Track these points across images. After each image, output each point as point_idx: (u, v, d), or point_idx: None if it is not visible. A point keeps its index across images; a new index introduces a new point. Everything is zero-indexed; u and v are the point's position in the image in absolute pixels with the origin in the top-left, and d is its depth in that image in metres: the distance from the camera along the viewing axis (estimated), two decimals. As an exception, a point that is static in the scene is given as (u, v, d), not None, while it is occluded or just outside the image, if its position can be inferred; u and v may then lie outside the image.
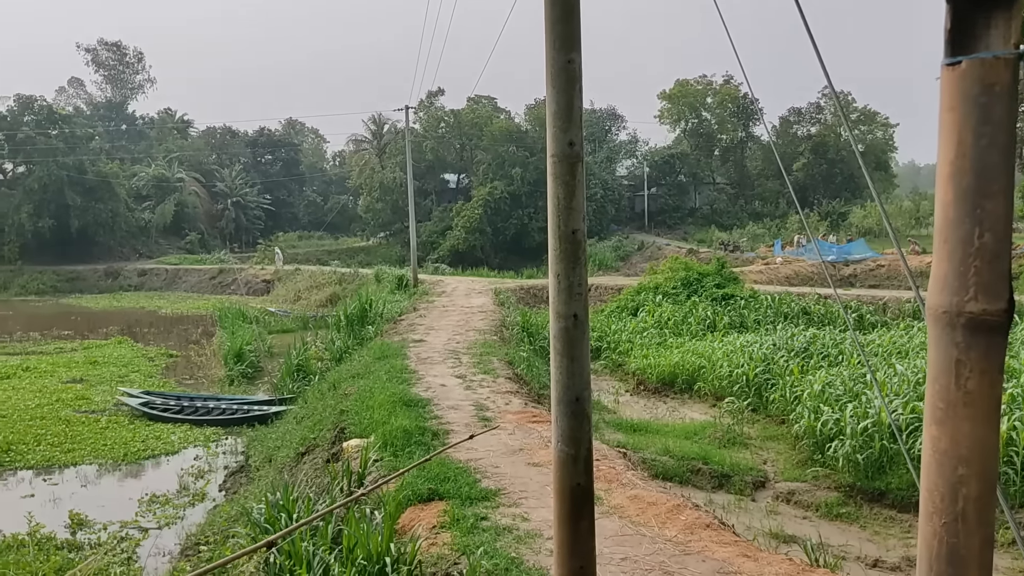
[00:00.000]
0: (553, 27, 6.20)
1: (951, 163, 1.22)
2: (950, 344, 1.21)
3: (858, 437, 12.22)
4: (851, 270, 37.28)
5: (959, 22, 1.22)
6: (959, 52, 1.22)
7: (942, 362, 1.22)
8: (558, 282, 6.35)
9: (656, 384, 19.92)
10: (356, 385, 15.83)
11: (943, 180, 1.24)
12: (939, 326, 1.23)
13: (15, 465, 15.77)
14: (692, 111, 70.17)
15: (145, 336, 34.30)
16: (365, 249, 65.82)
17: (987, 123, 1.19)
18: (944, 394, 1.21)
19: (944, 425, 1.20)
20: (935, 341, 1.24)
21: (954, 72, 1.22)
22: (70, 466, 15.82)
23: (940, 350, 1.23)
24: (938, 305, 1.24)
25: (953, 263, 1.22)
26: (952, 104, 1.22)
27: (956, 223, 1.21)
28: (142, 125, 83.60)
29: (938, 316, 1.23)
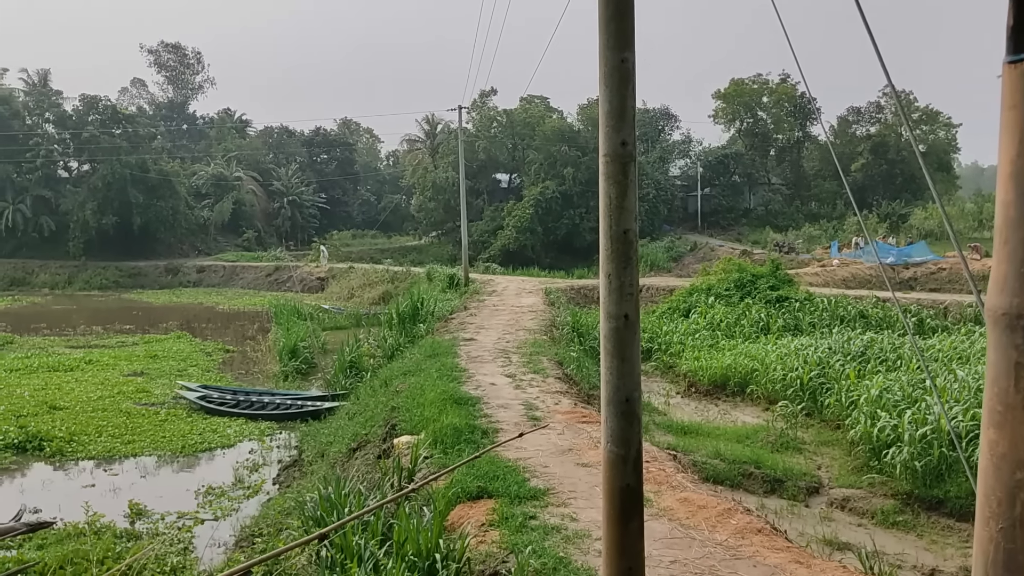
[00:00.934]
0: (607, 25, 6.19)
1: (1012, 161, 1.19)
2: (1009, 346, 1.19)
3: (916, 444, 11.96)
4: (911, 273, 36.42)
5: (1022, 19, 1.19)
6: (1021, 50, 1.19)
7: (1001, 365, 1.19)
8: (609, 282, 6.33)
9: (707, 386, 19.73)
10: (407, 382, 15.98)
11: (1004, 179, 1.21)
12: (998, 328, 1.20)
13: (77, 455, 16.25)
14: (747, 110, 69.18)
15: (203, 331, 35.06)
16: (417, 248, 66.36)
17: (1049, 121, 1.16)
18: (1003, 397, 1.18)
19: (1003, 428, 1.17)
20: (994, 343, 1.22)
21: (1016, 70, 1.19)
22: (130, 457, 16.24)
23: (999, 352, 1.20)
24: (998, 307, 1.21)
25: (1014, 264, 1.19)
26: (1014, 102, 1.20)
27: (1017, 223, 1.18)
28: (202, 125, 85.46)
29: (997, 318, 1.21)
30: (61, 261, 60.30)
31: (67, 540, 11.46)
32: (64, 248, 60.84)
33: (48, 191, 63.08)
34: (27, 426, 17.33)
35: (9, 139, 61.57)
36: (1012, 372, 1.18)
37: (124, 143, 62.51)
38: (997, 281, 1.22)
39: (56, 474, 15.48)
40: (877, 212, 56.92)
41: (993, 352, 1.22)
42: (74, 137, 63.58)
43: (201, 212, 68.17)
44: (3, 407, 19.25)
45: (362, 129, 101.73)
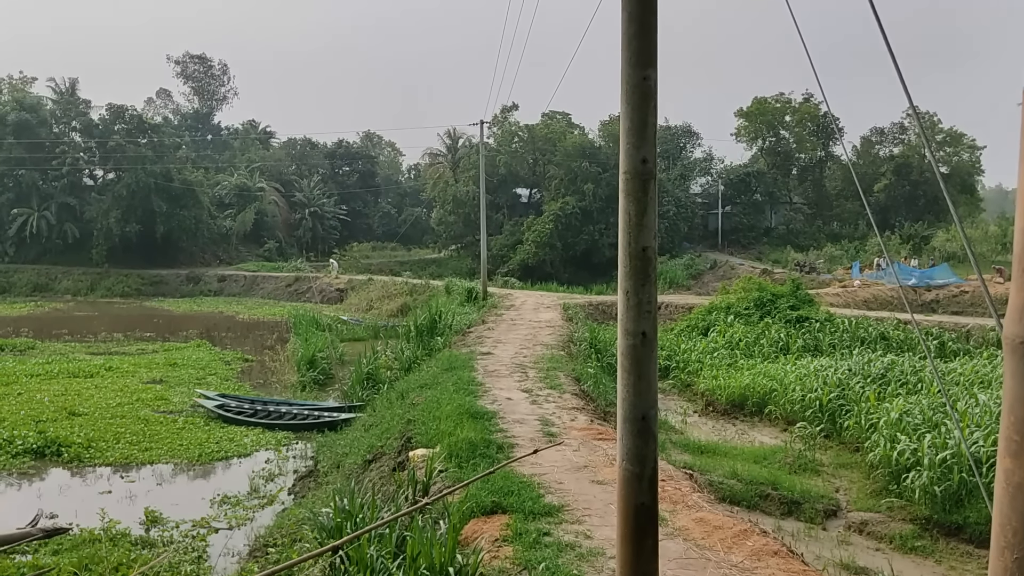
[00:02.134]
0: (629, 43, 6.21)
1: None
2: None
3: (936, 468, 11.81)
4: (933, 295, 36.09)
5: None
6: (1043, 77, 1.19)
7: (1019, 393, 1.18)
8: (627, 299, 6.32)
9: (725, 406, 19.61)
10: (424, 395, 15.99)
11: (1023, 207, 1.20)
12: (1016, 356, 1.19)
13: (95, 461, 16.35)
14: (770, 129, 68.99)
15: (223, 340, 35.27)
16: (436, 261, 66.57)
17: (1069, 149, 1.15)
18: (1019, 426, 1.17)
19: (1019, 458, 1.16)
20: (1011, 371, 1.20)
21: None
22: (147, 464, 16.33)
23: (1016, 380, 1.19)
24: (1015, 335, 1.20)
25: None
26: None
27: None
28: (226, 135, 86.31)
29: (1015, 346, 1.19)
30: (84, 268, 60.96)
31: (82, 546, 11.52)
32: (87, 255, 61.52)
33: (73, 198, 63.88)
34: (46, 431, 17.48)
35: (36, 147, 62.45)
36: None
37: (149, 152, 63.24)
38: (1015, 309, 1.21)
39: (74, 480, 15.59)
40: (900, 233, 56.49)
41: (1010, 379, 1.21)
42: (100, 146, 64.41)
43: (223, 222, 68.75)
44: (23, 412, 19.44)
45: (384, 142, 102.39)
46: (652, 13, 6.19)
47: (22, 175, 63.17)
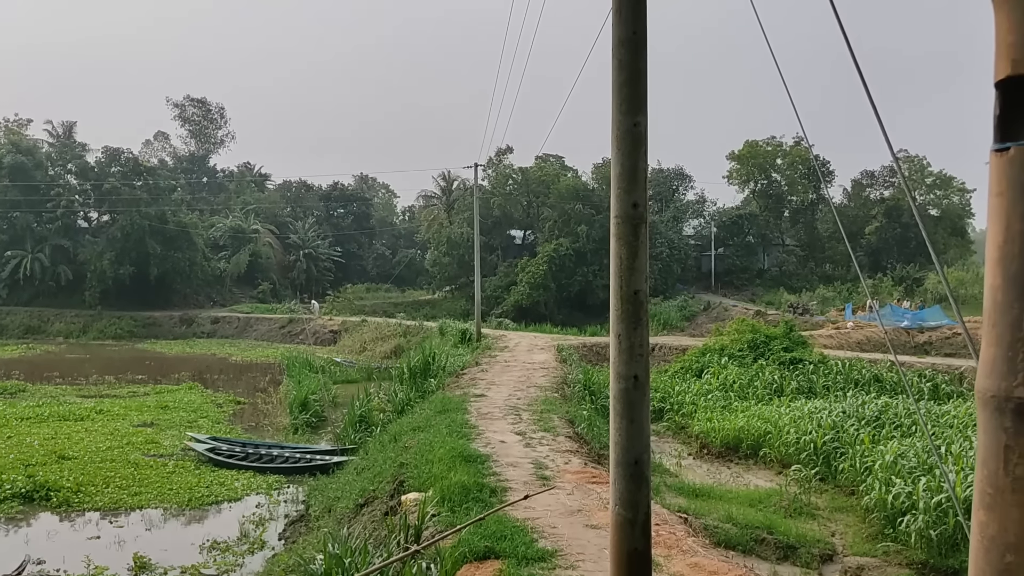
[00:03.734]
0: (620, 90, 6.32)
1: (1000, 247, 1.22)
2: (999, 429, 1.20)
3: (931, 512, 11.75)
4: (926, 337, 36.16)
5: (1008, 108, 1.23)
6: (1008, 138, 1.22)
7: (991, 447, 1.20)
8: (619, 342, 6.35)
9: (720, 448, 19.52)
10: (416, 438, 15.89)
11: (991, 264, 1.24)
12: (988, 410, 1.22)
13: (84, 506, 16.18)
14: (761, 172, 69.67)
15: (215, 382, 35.10)
16: (430, 302, 66.59)
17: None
18: (993, 479, 1.19)
19: (992, 511, 1.18)
20: (984, 425, 1.23)
21: (1003, 158, 1.23)
22: (136, 509, 16.16)
23: (989, 434, 1.21)
24: (986, 389, 1.22)
25: (1001, 348, 1.21)
26: (1000, 189, 1.23)
27: (1004, 308, 1.20)
28: (222, 178, 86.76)
29: (987, 400, 1.22)
30: (76, 310, 60.77)
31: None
32: (80, 297, 61.37)
33: (67, 241, 63.92)
34: (35, 475, 17.31)
35: (31, 189, 62.66)
36: (1001, 455, 1.19)
37: (144, 194, 63.47)
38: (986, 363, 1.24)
39: (62, 525, 15.41)
40: (891, 275, 56.82)
41: (983, 434, 1.23)
42: (95, 188, 64.64)
43: (218, 264, 68.81)
44: (12, 456, 19.25)
45: (379, 184, 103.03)
46: (642, 61, 6.31)
47: (16, 217, 63.25)
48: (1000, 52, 1.23)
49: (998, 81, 1.24)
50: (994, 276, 1.23)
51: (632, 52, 6.24)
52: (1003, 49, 1.23)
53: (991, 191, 1.25)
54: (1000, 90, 1.24)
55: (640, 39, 6.24)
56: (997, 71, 1.24)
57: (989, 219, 1.25)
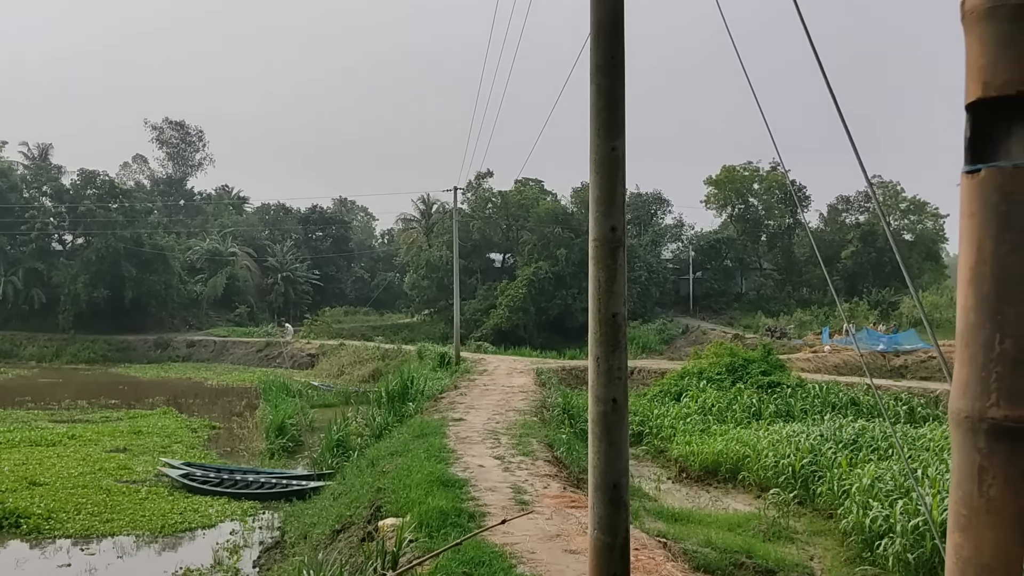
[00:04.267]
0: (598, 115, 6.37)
1: (971, 268, 1.23)
2: (972, 450, 1.20)
3: (909, 536, 11.78)
4: (902, 361, 36.49)
5: (979, 130, 1.25)
6: (978, 160, 1.24)
7: (965, 468, 1.21)
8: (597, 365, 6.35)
9: (699, 472, 19.50)
10: (394, 463, 15.76)
11: (964, 285, 1.24)
12: (961, 431, 1.22)
13: (54, 533, 15.88)
14: (739, 196, 70.34)
15: (190, 407, 34.70)
16: (409, 325, 66.38)
17: (1007, 230, 1.20)
18: (967, 501, 1.19)
19: (967, 532, 1.18)
20: (958, 446, 1.23)
21: (973, 180, 1.24)
22: (108, 536, 15.88)
23: (963, 455, 1.21)
24: (960, 410, 1.23)
25: (975, 368, 1.22)
26: (972, 211, 1.24)
27: (977, 328, 1.21)
28: (200, 200, 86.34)
29: (960, 421, 1.22)
30: (50, 334, 59.98)
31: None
32: (54, 320, 60.59)
33: (41, 263, 63.21)
34: (4, 502, 16.98)
35: (5, 211, 61.99)
36: (975, 476, 1.19)
37: (120, 217, 63.00)
38: (959, 384, 1.24)
39: (32, 553, 15.10)
40: (867, 299, 57.34)
41: (957, 455, 1.23)
42: (70, 211, 64.09)
43: (194, 287, 68.28)
44: (-18, 482, 18.89)
45: (358, 207, 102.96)
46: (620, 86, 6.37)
47: (-10, 240, 62.59)
48: (971, 75, 1.25)
49: (968, 103, 1.25)
50: (966, 297, 1.24)
51: (610, 77, 6.29)
52: (973, 72, 1.24)
53: (962, 212, 1.26)
54: (971, 112, 1.25)
55: (618, 64, 6.29)
56: (968, 94, 1.25)
57: (961, 240, 1.26)
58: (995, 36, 1.21)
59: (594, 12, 6.27)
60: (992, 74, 1.22)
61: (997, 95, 1.21)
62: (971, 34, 1.24)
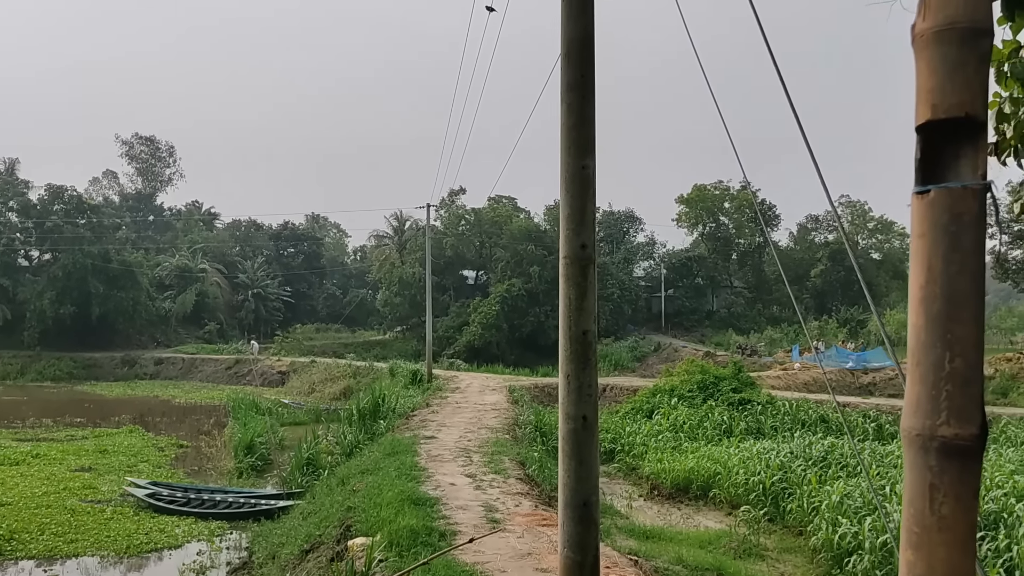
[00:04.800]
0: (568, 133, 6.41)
1: (922, 288, 1.25)
2: (924, 468, 1.21)
3: (877, 552, 11.86)
4: (870, 378, 36.87)
5: (929, 152, 1.27)
6: (928, 181, 1.26)
7: (917, 486, 1.22)
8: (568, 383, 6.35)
9: (670, 489, 19.53)
10: (365, 481, 15.62)
11: (914, 304, 1.26)
12: (913, 449, 1.23)
13: (16, 555, 15.53)
14: (710, 215, 71.02)
15: (157, 425, 34.20)
16: (381, 343, 66.04)
17: (956, 250, 1.22)
18: (919, 518, 1.20)
19: (920, 550, 1.19)
20: (910, 464, 1.24)
21: (923, 200, 1.26)
22: (72, 557, 15.56)
23: (915, 473, 1.23)
24: (912, 427, 1.24)
25: (925, 386, 1.23)
26: (922, 231, 1.26)
27: (927, 347, 1.23)
28: (169, 216, 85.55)
29: (912, 439, 1.24)
30: (14, 351, 58.92)
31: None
32: (19, 338, 59.52)
33: (6, 279, 62.17)
34: (-35, 523, 16.60)
35: (-30, 227, 61.04)
36: (927, 494, 1.20)
37: (88, 233, 62.21)
38: (911, 403, 1.25)
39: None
40: (837, 317, 57.97)
41: (909, 473, 1.24)
42: (37, 226, 63.19)
43: (163, 303, 67.51)
44: (-59, 502, 18.46)
45: (330, 224, 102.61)
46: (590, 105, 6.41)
47: (-46, 255, 61.53)
48: (920, 97, 1.27)
49: (919, 125, 1.28)
50: (917, 316, 1.25)
51: (580, 96, 6.34)
52: (923, 95, 1.26)
53: (913, 232, 1.28)
54: (921, 134, 1.27)
55: (588, 83, 6.34)
56: (918, 116, 1.28)
57: (912, 260, 1.28)
58: (943, 60, 1.23)
59: (565, 32, 6.33)
60: (940, 97, 1.24)
61: (946, 117, 1.23)
62: (921, 58, 1.27)
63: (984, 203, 1.21)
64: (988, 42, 1.24)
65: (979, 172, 1.22)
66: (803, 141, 3.43)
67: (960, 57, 1.23)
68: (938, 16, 1.23)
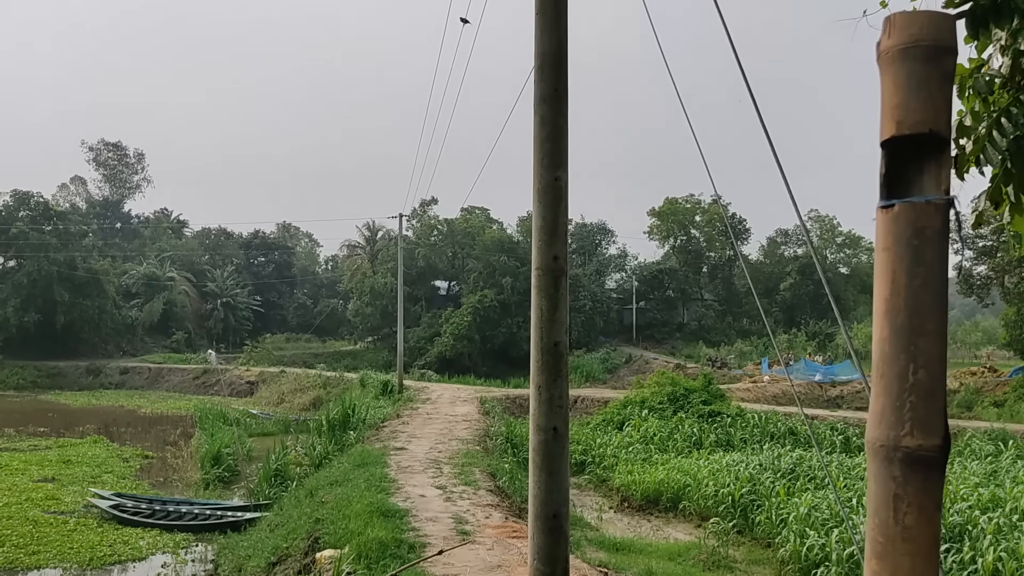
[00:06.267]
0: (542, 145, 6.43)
1: (886, 301, 1.26)
2: (888, 478, 1.23)
3: (844, 564, 11.97)
4: (838, 391, 37.27)
5: (893, 167, 1.29)
6: (893, 196, 1.28)
7: (881, 496, 1.23)
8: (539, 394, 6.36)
9: (640, 501, 19.58)
10: (334, 493, 15.50)
11: (879, 317, 1.28)
12: (877, 459, 1.25)
13: (-25, 567, 15.23)
14: (681, 228, 71.56)
15: (122, 436, 33.70)
16: (352, 353, 65.65)
17: (920, 264, 1.24)
18: (884, 529, 1.21)
19: (884, 560, 1.20)
20: (874, 475, 1.26)
21: (888, 214, 1.28)
22: (34, 569, 15.27)
23: (879, 484, 1.24)
24: (876, 438, 1.26)
25: (890, 398, 1.25)
26: (886, 245, 1.28)
27: (891, 359, 1.24)
28: (136, 224, 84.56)
29: (876, 449, 1.25)
30: (-24, 359, 57.91)
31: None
32: (-19, 346, 58.54)
33: (-31, 286, 61.16)
34: (-78, 535, 16.23)
35: (-67, 234, 59.95)
36: (891, 504, 1.21)
37: (54, 240, 61.37)
38: (875, 413, 1.27)
39: (-51, 588, 14.44)
40: (805, 330, 58.54)
41: (873, 483, 1.26)
42: (1, 233, 62.20)
43: (129, 312, 66.67)
44: None
45: (301, 233, 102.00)
46: (563, 117, 6.45)
47: (-85, 262, 60.39)
48: (885, 113, 1.29)
49: (883, 141, 1.30)
50: (881, 328, 1.27)
51: (553, 109, 6.37)
52: (888, 110, 1.29)
53: (878, 246, 1.30)
54: (885, 149, 1.29)
55: (561, 97, 6.38)
56: (882, 131, 1.30)
57: (876, 274, 1.30)
58: (908, 76, 1.26)
59: (538, 45, 6.36)
60: (905, 113, 1.26)
61: (910, 133, 1.25)
62: (886, 74, 1.29)
63: (947, 218, 1.24)
64: (952, 60, 1.26)
65: (943, 187, 1.25)
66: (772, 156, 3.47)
67: (924, 74, 1.25)
68: (903, 34, 1.26)
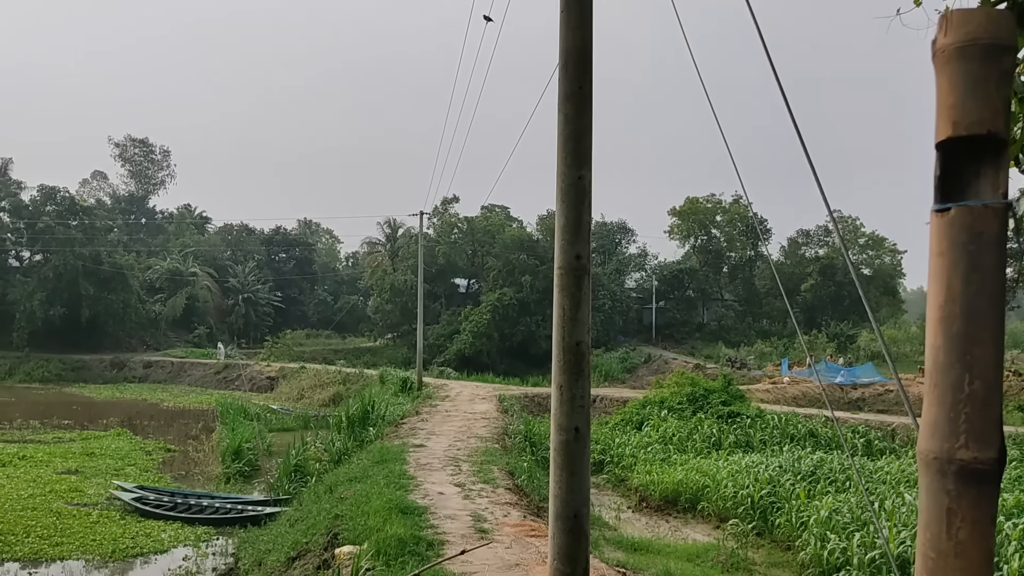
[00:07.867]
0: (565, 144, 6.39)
1: (941, 308, 1.22)
2: (941, 491, 1.19)
3: (865, 568, 11.85)
4: (859, 393, 36.91)
5: (948, 169, 1.25)
6: (948, 199, 1.24)
7: (933, 510, 1.19)
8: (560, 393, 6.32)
9: (659, 501, 19.48)
10: (353, 489, 15.54)
11: (933, 324, 1.24)
12: (930, 472, 1.21)
13: (2, 557, 15.39)
14: (701, 228, 71.19)
15: (144, 429, 33.99)
16: (372, 350, 65.88)
17: (976, 270, 1.20)
18: (935, 543, 1.18)
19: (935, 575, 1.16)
20: (926, 487, 1.22)
21: (943, 219, 1.24)
22: (57, 560, 15.42)
23: (931, 497, 1.20)
24: (929, 450, 1.22)
25: (944, 408, 1.21)
26: (941, 250, 1.24)
27: (946, 368, 1.21)
28: (161, 219, 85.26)
29: (929, 462, 1.21)
30: (3, 352, 58.60)
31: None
32: (8, 338, 59.22)
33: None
34: (-52, 525, 16.43)
35: (-39, 227, 60.79)
36: (944, 518, 1.18)
37: (79, 234, 62.01)
38: (928, 424, 1.23)
39: (-25, 577, 14.62)
40: (826, 332, 58.10)
41: (925, 497, 1.22)
42: (29, 227, 62.92)
43: (153, 306, 67.24)
44: (-76, 503, 18.28)
45: (322, 230, 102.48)
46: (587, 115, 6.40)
47: (-56, 255, 61.24)
48: (941, 114, 1.25)
49: (939, 142, 1.26)
50: (935, 336, 1.23)
51: (577, 107, 6.32)
52: (944, 111, 1.25)
53: (931, 251, 1.26)
54: (940, 151, 1.25)
55: (585, 95, 6.33)
56: (938, 132, 1.26)
57: (930, 279, 1.26)
58: (965, 76, 1.22)
59: (563, 42, 6.32)
60: (961, 113, 1.22)
61: (967, 134, 1.21)
62: (941, 74, 1.25)
63: (1005, 222, 1.19)
64: (1011, 59, 1.22)
65: (1000, 191, 1.21)
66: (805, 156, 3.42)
67: (982, 73, 1.21)
68: (960, 32, 1.22)
